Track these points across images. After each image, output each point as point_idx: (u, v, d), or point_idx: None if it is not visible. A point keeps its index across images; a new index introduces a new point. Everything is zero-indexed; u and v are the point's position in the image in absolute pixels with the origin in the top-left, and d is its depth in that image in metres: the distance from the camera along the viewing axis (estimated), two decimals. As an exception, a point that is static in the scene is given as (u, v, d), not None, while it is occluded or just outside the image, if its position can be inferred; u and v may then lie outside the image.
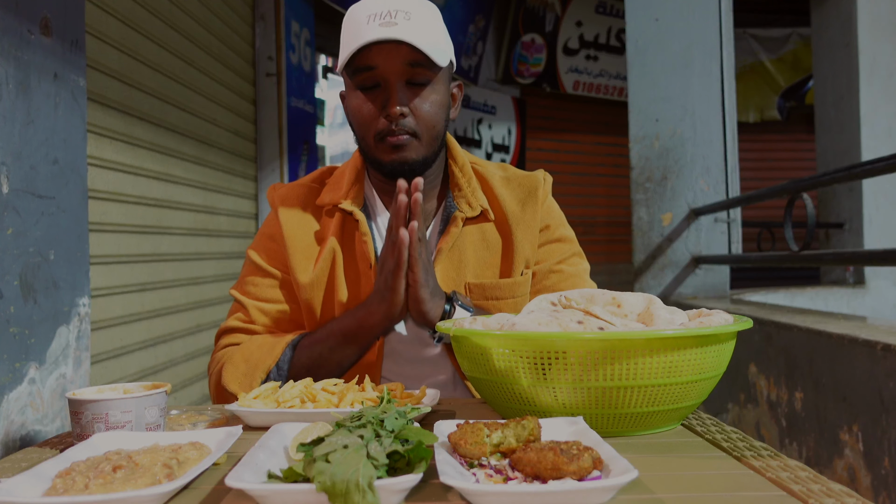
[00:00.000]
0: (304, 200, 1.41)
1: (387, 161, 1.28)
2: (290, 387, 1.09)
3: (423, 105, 1.26)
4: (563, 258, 1.42)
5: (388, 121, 1.25)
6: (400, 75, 1.24)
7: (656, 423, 0.96)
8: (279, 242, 1.38)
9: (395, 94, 1.24)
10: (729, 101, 3.76)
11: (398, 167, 1.28)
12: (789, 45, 7.98)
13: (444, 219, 1.37)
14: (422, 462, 0.74)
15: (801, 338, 2.15)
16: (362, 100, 1.27)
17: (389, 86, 1.25)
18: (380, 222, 1.38)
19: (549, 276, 1.40)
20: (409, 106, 1.25)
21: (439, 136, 1.30)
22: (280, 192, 1.43)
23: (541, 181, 1.42)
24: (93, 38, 2.51)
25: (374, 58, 1.23)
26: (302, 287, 1.34)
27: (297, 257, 1.35)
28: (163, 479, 0.74)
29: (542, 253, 1.41)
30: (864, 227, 4.37)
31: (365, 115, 1.27)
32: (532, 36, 7.38)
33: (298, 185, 1.44)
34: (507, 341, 0.93)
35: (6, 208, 1.18)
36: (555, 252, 1.41)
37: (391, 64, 1.23)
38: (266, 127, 4.51)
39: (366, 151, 1.31)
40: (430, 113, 1.27)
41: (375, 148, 1.28)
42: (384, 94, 1.26)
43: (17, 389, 1.20)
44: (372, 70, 1.24)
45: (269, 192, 1.44)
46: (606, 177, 7.84)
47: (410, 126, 1.25)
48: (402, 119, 1.24)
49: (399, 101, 1.24)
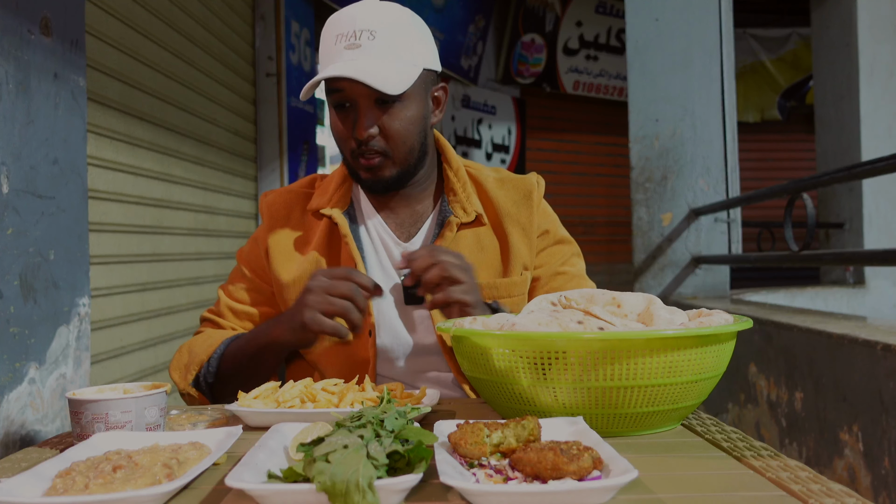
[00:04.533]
0: (291, 205, 1.44)
1: (364, 179, 1.32)
2: (290, 387, 1.09)
3: (393, 123, 1.27)
4: (564, 260, 1.44)
5: (357, 141, 1.28)
6: (367, 97, 1.26)
7: (656, 423, 0.96)
8: (260, 245, 1.42)
9: (362, 117, 1.26)
10: (729, 101, 3.76)
11: (374, 185, 1.32)
12: (789, 45, 7.98)
13: (438, 222, 1.38)
14: (422, 462, 0.74)
15: (801, 338, 2.15)
16: (336, 118, 1.31)
17: (357, 107, 1.27)
18: (368, 224, 1.40)
19: (555, 279, 1.41)
20: (378, 125, 1.27)
21: (414, 150, 1.32)
22: (269, 197, 1.47)
23: (535, 184, 1.43)
24: (93, 38, 2.50)
25: (341, 81, 1.25)
26: (284, 286, 1.37)
27: (279, 258, 1.38)
28: (163, 479, 0.74)
29: (544, 257, 1.42)
30: (864, 227, 4.37)
31: (339, 134, 1.31)
32: (532, 36, 7.38)
33: (287, 190, 1.47)
34: (507, 341, 0.93)
35: (6, 208, 1.18)
36: (556, 255, 1.43)
37: (357, 88, 1.25)
38: (266, 127, 4.51)
39: (347, 166, 1.36)
40: (399, 130, 1.28)
41: (354, 165, 1.32)
42: (354, 114, 1.28)
43: (17, 389, 1.20)
44: (341, 92, 1.26)
45: (260, 199, 1.48)
46: (606, 177, 7.84)
47: (380, 146, 1.28)
48: (371, 140, 1.27)
49: (365, 125, 1.26)
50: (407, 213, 1.40)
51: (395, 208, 1.40)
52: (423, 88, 1.31)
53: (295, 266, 1.37)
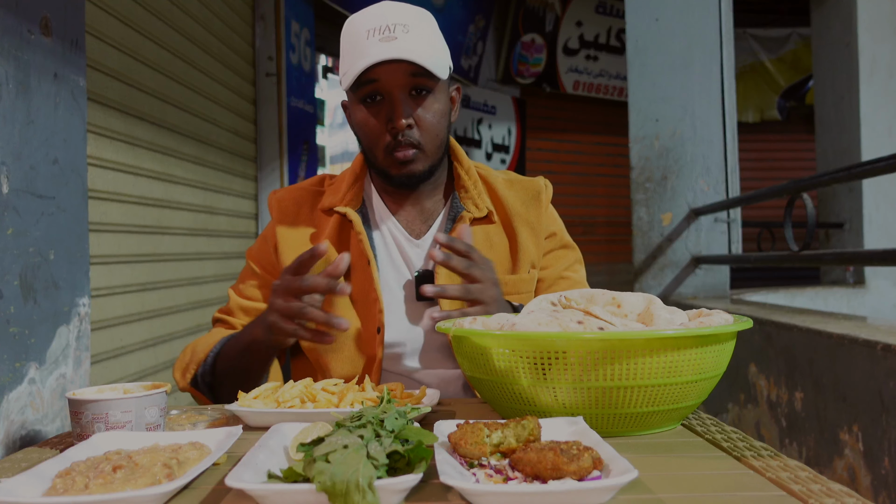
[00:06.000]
0: (301, 202, 1.44)
1: (395, 175, 1.32)
2: (290, 387, 1.09)
3: (427, 115, 1.28)
4: (568, 265, 1.47)
5: (393, 133, 1.27)
6: (403, 87, 1.26)
7: (656, 423, 0.96)
8: (270, 242, 1.42)
9: (399, 106, 1.26)
10: (729, 101, 3.76)
11: (406, 180, 1.32)
12: (789, 45, 7.98)
13: (450, 218, 1.39)
14: (422, 462, 0.74)
15: (801, 338, 2.15)
16: (367, 114, 1.29)
17: (393, 98, 1.27)
18: (380, 223, 1.40)
19: (559, 283, 1.44)
20: (413, 117, 1.27)
21: (443, 144, 1.34)
22: (278, 194, 1.46)
23: (542, 187, 1.46)
24: (93, 38, 2.50)
25: (377, 72, 1.25)
26: None
27: (289, 253, 1.38)
28: (163, 479, 0.74)
29: (550, 259, 1.45)
30: (864, 227, 4.37)
31: (371, 129, 1.30)
32: (532, 36, 7.38)
33: (297, 188, 1.47)
34: (507, 341, 0.93)
35: (6, 208, 1.18)
36: (561, 259, 1.46)
37: (394, 77, 1.25)
38: (266, 127, 4.51)
39: (373, 163, 1.35)
40: (433, 123, 1.29)
41: (384, 161, 1.31)
42: (388, 107, 1.27)
43: (17, 389, 1.20)
44: (374, 83, 1.26)
45: (269, 197, 1.48)
46: (606, 177, 7.84)
47: (415, 138, 1.28)
48: (408, 130, 1.27)
49: (403, 114, 1.26)
50: (419, 210, 1.41)
51: (408, 206, 1.41)
52: (447, 85, 1.34)
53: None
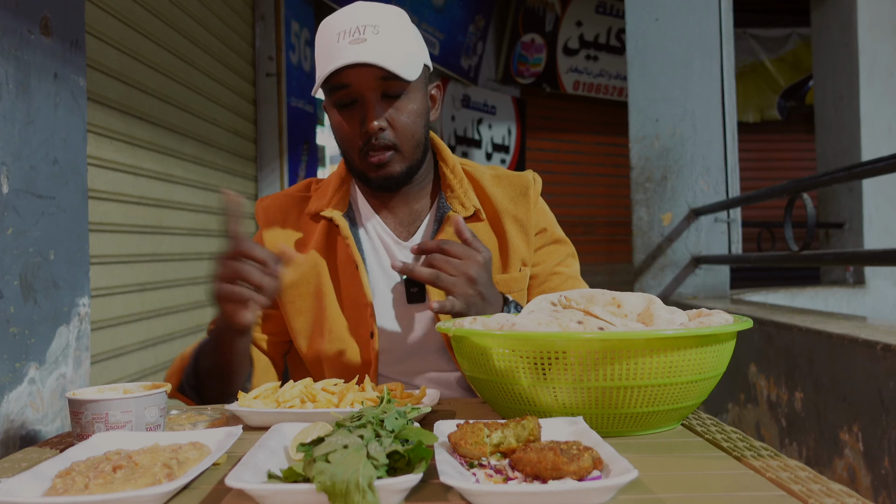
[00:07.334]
0: (288, 208, 1.43)
1: (373, 177, 1.31)
2: (290, 387, 1.09)
3: (400, 117, 1.27)
4: (560, 260, 1.45)
5: (365, 137, 1.27)
6: (374, 90, 1.25)
7: (656, 423, 0.96)
8: None
9: (371, 109, 1.25)
10: (729, 101, 3.76)
11: (384, 182, 1.32)
12: (789, 45, 7.98)
13: (437, 219, 1.38)
14: (422, 462, 0.74)
15: (801, 338, 2.15)
16: (340, 118, 1.29)
17: (365, 101, 1.26)
18: (367, 226, 1.40)
19: (551, 279, 1.42)
20: (386, 118, 1.27)
21: (420, 144, 1.32)
22: (264, 202, 1.46)
23: (531, 181, 1.44)
24: (93, 38, 2.51)
25: (348, 76, 1.24)
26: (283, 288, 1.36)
27: None
28: (163, 479, 0.74)
29: (541, 255, 1.43)
30: (864, 227, 4.37)
31: (346, 133, 1.30)
32: (532, 36, 7.37)
33: (283, 194, 1.47)
34: (507, 341, 0.93)
35: (6, 208, 1.18)
36: (553, 254, 1.44)
37: (364, 80, 1.24)
38: (266, 127, 4.51)
39: (351, 167, 1.34)
40: (407, 123, 1.28)
41: (361, 165, 1.31)
42: (361, 111, 1.27)
43: (17, 389, 1.20)
44: (346, 88, 1.26)
45: (255, 205, 1.47)
46: (606, 177, 7.84)
47: (389, 139, 1.27)
48: (381, 133, 1.26)
49: (375, 116, 1.25)
50: (405, 212, 1.40)
51: (394, 208, 1.40)
52: (423, 84, 1.33)
53: (293, 268, 1.37)
